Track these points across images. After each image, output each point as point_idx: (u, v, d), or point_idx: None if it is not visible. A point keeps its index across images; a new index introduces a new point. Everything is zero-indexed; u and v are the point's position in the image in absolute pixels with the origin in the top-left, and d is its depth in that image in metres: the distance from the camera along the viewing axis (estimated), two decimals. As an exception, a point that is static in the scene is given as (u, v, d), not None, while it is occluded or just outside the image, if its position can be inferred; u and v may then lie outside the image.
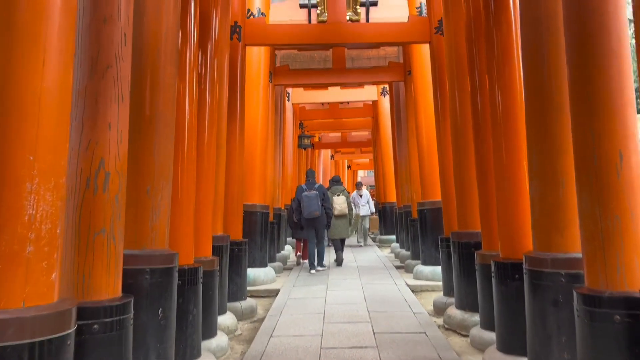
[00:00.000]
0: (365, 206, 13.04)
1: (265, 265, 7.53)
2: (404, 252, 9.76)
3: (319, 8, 8.69)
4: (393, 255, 10.98)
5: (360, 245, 13.25)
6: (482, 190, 4.62)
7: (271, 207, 8.80)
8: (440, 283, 6.34)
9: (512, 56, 4.05)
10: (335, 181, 10.32)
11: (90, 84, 2.57)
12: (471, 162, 4.97)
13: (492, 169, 4.27)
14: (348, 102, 14.84)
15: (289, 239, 12.17)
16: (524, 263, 3.39)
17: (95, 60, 2.58)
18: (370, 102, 14.46)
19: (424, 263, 7.54)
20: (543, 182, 3.27)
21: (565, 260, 3.12)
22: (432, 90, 6.49)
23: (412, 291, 6.78)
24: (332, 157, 24.74)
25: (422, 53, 7.60)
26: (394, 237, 12.97)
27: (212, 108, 4.74)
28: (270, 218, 8.43)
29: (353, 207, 12.26)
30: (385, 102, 13.01)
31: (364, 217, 13.26)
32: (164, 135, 3.29)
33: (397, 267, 8.93)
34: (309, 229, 8.74)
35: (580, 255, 3.06)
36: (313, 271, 8.49)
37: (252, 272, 7.00)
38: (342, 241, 9.98)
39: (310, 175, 9.14)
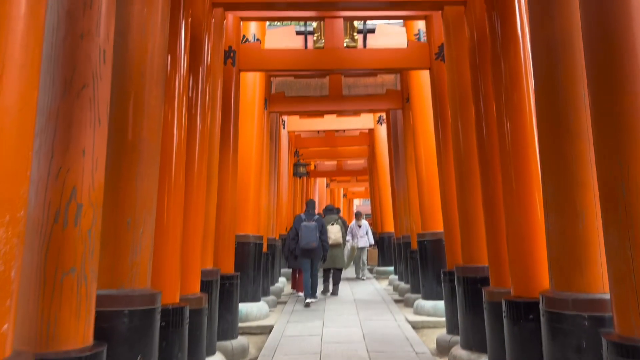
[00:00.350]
0: (364, 237, 12.20)
1: (258, 300, 7.17)
2: (403, 284, 9.41)
3: (315, 35, 8.57)
4: (391, 287, 10.60)
5: (358, 279, 12.46)
6: (489, 222, 4.36)
7: (265, 237, 8.48)
8: (443, 319, 6.02)
9: (521, 82, 3.85)
10: (329, 210, 10.22)
11: (63, 104, 2.31)
12: (476, 192, 4.71)
13: (501, 200, 4.02)
14: (344, 130, 14.70)
15: (283, 270, 11.79)
16: (540, 303, 3.10)
17: (70, 78, 2.33)
18: (367, 130, 14.31)
19: (425, 297, 7.21)
20: (560, 216, 3.01)
21: (588, 301, 2.84)
22: (433, 117, 6.27)
23: (413, 327, 6.44)
24: (327, 185, 24.50)
25: (421, 80, 7.43)
26: (391, 268, 12.58)
27: (203, 135, 4.49)
28: (264, 249, 8.10)
29: (350, 238, 11.89)
30: (382, 131, 12.84)
31: (362, 249, 12.45)
32: (148, 162, 3.02)
33: (396, 301, 8.57)
34: (303, 258, 8.66)
35: (604, 296, 2.81)
36: (308, 300, 8.32)
37: (244, 307, 6.64)
38: (339, 271, 9.74)
39: (311, 205, 9.10)
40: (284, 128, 12.16)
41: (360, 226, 12.28)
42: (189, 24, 4.01)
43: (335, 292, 9.57)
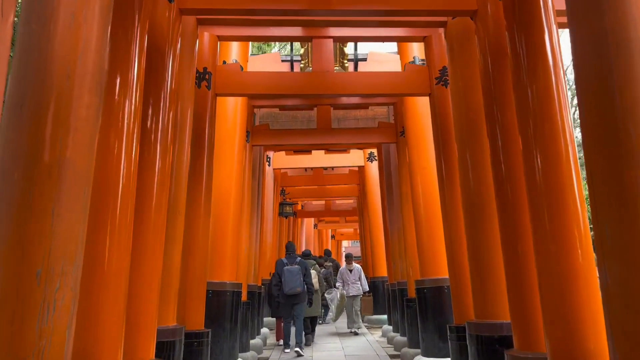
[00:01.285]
0: (356, 284, 10.82)
1: (235, 358, 6.23)
2: (398, 337, 8.47)
3: (302, 61, 7.99)
4: (385, 340, 9.61)
5: (352, 333, 10.59)
6: (511, 271, 3.60)
7: (245, 284, 7.61)
8: (448, 381, 5.16)
9: (552, 108, 3.20)
10: (305, 255, 9.77)
11: None
12: (492, 235, 3.99)
13: (528, 245, 3.29)
14: (332, 168, 14.04)
15: (266, 319, 10.80)
16: (599, 383, 2.32)
17: None
18: (356, 168, 13.64)
19: (426, 354, 6.32)
20: (624, 264, 2.27)
21: (674, 385, 2.06)
22: (434, 150, 5.59)
23: (414, 391, 5.55)
24: (315, 226, 23.65)
25: (418, 110, 6.76)
26: (385, 316, 11.59)
27: (163, 166, 3.69)
28: (244, 297, 7.22)
29: (341, 284, 10.93)
30: (373, 168, 12.18)
31: (354, 297, 10.71)
32: (73, 193, 2.23)
33: (392, 357, 7.64)
34: (287, 305, 8.26)
35: (696, 378, 2.06)
36: (287, 350, 8.10)
37: (217, 368, 5.72)
38: (314, 318, 9.34)
39: (291, 248, 8.73)
40: (269, 165, 11.43)
41: (351, 271, 11.01)
42: (146, 30, 3.31)
43: (312, 339, 9.19)
